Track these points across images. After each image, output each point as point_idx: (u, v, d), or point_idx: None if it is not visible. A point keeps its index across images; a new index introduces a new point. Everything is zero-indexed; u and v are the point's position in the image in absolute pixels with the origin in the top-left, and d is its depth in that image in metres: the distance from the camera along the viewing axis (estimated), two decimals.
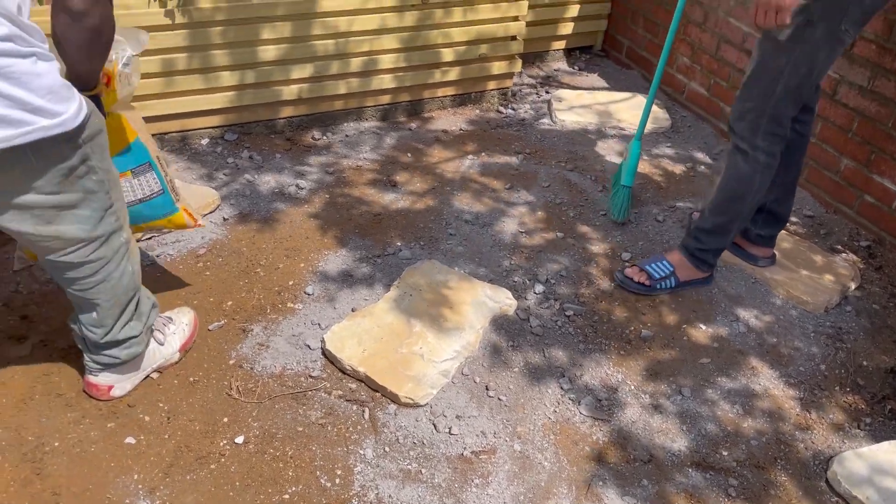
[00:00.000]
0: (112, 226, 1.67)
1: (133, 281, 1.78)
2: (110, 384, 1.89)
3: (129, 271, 1.76)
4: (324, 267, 2.42)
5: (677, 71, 3.56)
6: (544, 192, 2.87)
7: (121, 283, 1.73)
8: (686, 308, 2.38)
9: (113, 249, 1.69)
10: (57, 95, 1.42)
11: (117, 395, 1.91)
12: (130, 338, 1.83)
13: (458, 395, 2.01)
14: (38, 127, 1.40)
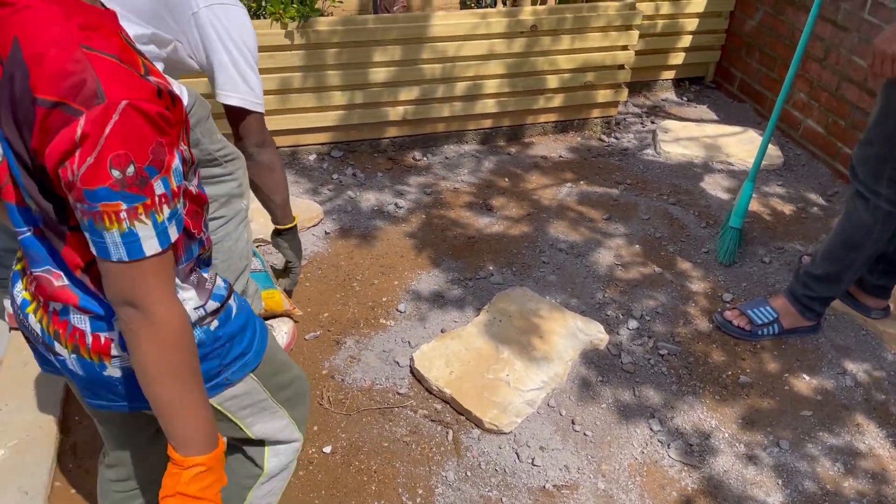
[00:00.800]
0: (233, 190, 1.81)
1: (246, 250, 1.91)
2: None
3: (245, 239, 1.89)
4: (416, 286, 2.46)
5: (793, 107, 3.43)
6: (644, 225, 2.82)
7: (237, 247, 1.86)
8: (789, 356, 2.27)
9: (234, 211, 1.84)
10: None
11: None
12: None
13: (542, 427, 1.99)
14: None
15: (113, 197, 0.85)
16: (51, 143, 0.83)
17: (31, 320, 1.06)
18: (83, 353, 1.02)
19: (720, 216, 2.87)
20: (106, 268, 0.90)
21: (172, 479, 0.95)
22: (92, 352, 1.01)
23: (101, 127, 0.82)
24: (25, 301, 1.06)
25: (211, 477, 0.96)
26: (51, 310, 1.02)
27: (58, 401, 1.90)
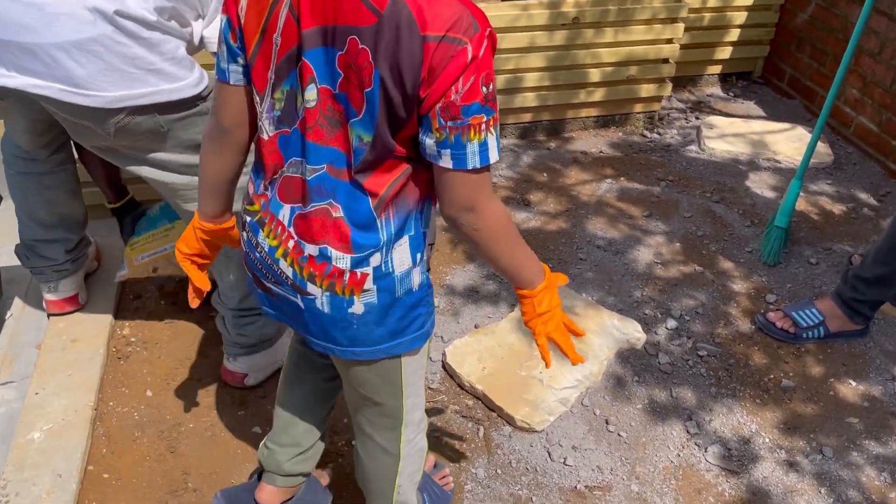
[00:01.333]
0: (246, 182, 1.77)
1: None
2: (245, 372, 1.99)
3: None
4: (451, 280, 2.43)
5: (845, 103, 3.31)
6: (685, 223, 2.75)
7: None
8: (835, 361, 2.19)
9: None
10: (182, 62, 1.54)
11: (250, 384, 2.01)
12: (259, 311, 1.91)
13: (575, 426, 1.96)
14: (162, 90, 1.51)
15: (480, 111, 1.02)
16: (443, 72, 0.99)
17: (282, 264, 1.18)
18: (337, 290, 1.16)
19: (765, 215, 2.78)
20: (455, 179, 1.06)
21: (529, 307, 1.24)
22: (346, 288, 1.15)
23: (479, 51, 1.00)
24: (272, 247, 1.19)
25: (551, 294, 1.25)
26: (306, 255, 1.15)
27: (93, 386, 1.93)
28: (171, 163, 1.63)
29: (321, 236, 1.14)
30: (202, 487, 1.76)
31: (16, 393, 1.94)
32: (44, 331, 2.09)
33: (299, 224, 1.15)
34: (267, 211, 1.19)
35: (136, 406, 1.95)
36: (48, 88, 1.45)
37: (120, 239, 2.28)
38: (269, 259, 1.20)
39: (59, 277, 2.06)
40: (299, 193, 1.15)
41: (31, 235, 2.01)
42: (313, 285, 1.16)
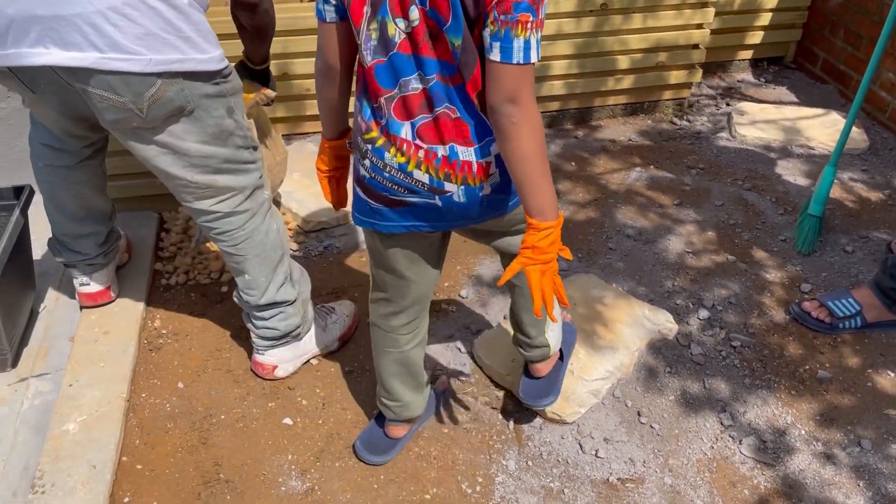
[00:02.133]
0: (256, 181, 1.80)
1: (279, 239, 1.89)
2: (274, 364, 2.00)
3: (275, 228, 1.87)
4: (479, 271, 2.42)
5: (881, 88, 3.23)
6: (717, 212, 2.70)
7: (268, 239, 1.85)
8: (872, 351, 2.14)
9: (258, 203, 1.82)
10: (208, 37, 1.57)
11: (280, 376, 2.02)
12: (285, 302, 1.92)
13: (607, 418, 1.94)
14: (192, 58, 1.53)
15: (528, 9, 1.16)
16: None
17: (416, 175, 1.35)
18: (469, 182, 1.35)
19: (799, 203, 2.73)
20: (502, 70, 1.19)
21: (531, 237, 1.30)
22: (476, 178, 1.34)
23: None
24: (403, 163, 1.34)
25: (555, 236, 1.31)
26: (439, 157, 1.32)
27: (126, 378, 1.95)
28: (192, 152, 1.64)
29: (448, 137, 1.31)
30: (234, 479, 1.77)
31: (51, 384, 1.97)
32: (77, 323, 2.12)
33: (425, 133, 1.31)
34: (388, 133, 1.34)
35: (167, 397, 1.96)
36: (87, 59, 1.46)
37: (148, 233, 2.29)
38: (402, 174, 1.36)
39: (92, 271, 2.08)
40: (417, 107, 1.30)
41: (62, 230, 2.03)
42: (450, 183, 1.34)
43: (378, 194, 1.41)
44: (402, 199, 1.40)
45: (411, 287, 1.60)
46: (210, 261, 2.36)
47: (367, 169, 1.40)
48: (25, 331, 2.11)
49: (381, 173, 1.38)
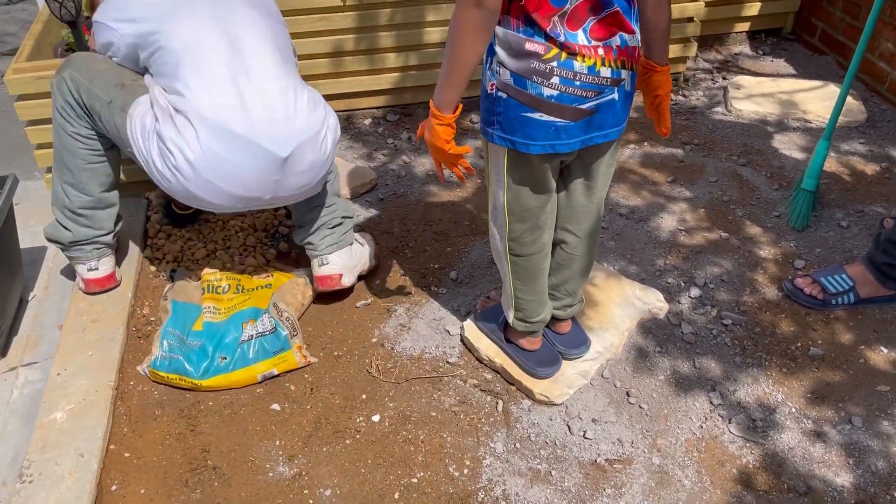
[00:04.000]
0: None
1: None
2: (340, 272, 2.13)
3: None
4: (469, 252, 2.40)
5: (879, 58, 3.17)
6: (710, 188, 2.67)
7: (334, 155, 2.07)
8: (866, 327, 2.12)
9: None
10: None
11: (346, 285, 2.14)
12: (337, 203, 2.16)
13: (595, 398, 1.93)
14: None
15: None
16: None
17: (603, 72, 1.46)
18: (633, 67, 1.51)
19: (794, 177, 2.69)
20: None
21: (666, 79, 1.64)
22: (636, 63, 1.52)
23: None
24: (591, 66, 1.45)
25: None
26: (615, 49, 1.46)
27: (114, 366, 1.95)
28: None
29: (617, 29, 1.45)
30: (221, 465, 1.78)
31: (40, 373, 1.97)
32: (65, 311, 2.12)
33: (598, 30, 1.45)
34: (567, 46, 1.44)
35: (155, 385, 1.97)
36: None
37: (137, 219, 2.28)
38: (591, 76, 1.46)
39: (100, 255, 2.12)
40: (585, 13, 1.43)
41: (86, 202, 2.06)
42: (624, 70, 1.49)
43: (567, 108, 1.49)
44: (588, 106, 1.50)
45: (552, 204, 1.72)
46: (197, 248, 2.35)
47: (554, 87, 1.46)
48: (14, 320, 2.11)
49: (571, 84, 1.46)
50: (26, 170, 2.93)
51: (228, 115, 1.78)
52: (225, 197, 1.85)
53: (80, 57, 2.00)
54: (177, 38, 1.83)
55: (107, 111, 1.91)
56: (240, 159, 1.80)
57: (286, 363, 1.98)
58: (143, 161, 1.87)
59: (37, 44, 2.43)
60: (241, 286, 2.14)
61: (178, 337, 1.97)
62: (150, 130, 1.83)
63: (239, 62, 1.84)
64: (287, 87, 1.87)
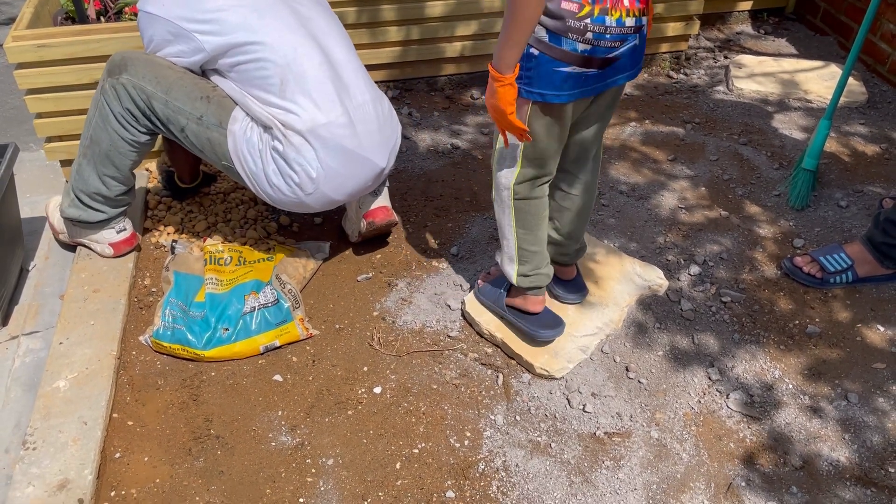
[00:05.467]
0: None
1: None
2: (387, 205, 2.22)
3: None
4: (470, 228, 2.41)
5: (881, 39, 3.17)
6: (711, 167, 2.68)
7: None
8: (863, 305, 2.14)
9: None
10: None
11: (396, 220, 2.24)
12: None
13: (595, 373, 1.94)
14: None
15: None
16: None
17: (627, 22, 1.56)
18: (649, 14, 1.63)
19: (794, 157, 2.70)
20: None
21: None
22: (651, 7, 1.63)
23: None
24: (619, 18, 1.54)
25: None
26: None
27: (116, 335, 1.95)
28: None
29: None
30: (224, 434, 1.79)
31: (41, 342, 1.98)
32: (66, 281, 2.11)
33: None
34: (597, 2, 1.52)
35: (158, 355, 1.97)
36: None
37: (138, 191, 2.27)
38: (618, 27, 1.55)
39: (125, 215, 2.17)
40: None
41: (122, 190, 2.08)
42: (643, 17, 1.60)
43: (597, 59, 1.59)
44: (614, 54, 1.60)
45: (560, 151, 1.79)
46: (198, 220, 2.34)
47: (588, 42, 1.55)
48: (15, 289, 2.11)
49: (603, 37, 1.56)
50: (22, 141, 2.91)
51: (341, 133, 1.89)
52: (329, 204, 2.01)
53: (140, 62, 1.92)
54: (276, 51, 1.84)
55: (197, 126, 1.91)
56: (350, 172, 1.95)
57: (288, 335, 1.99)
58: (249, 175, 1.93)
59: (36, 12, 2.40)
60: (242, 258, 2.14)
61: (181, 307, 1.98)
62: (263, 148, 1.90)
63: (337, 77, 1.92)
64: (375, 98, 2.00)
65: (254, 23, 1.84)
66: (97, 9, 2.53)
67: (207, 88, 1.92)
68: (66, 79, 2.34)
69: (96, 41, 2.30)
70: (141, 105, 1.92)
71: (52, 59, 2.29)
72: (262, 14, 1.86)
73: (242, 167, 1.94)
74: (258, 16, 1.85)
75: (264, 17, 1.86)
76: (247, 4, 1.86)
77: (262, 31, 1.85)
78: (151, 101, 1.90)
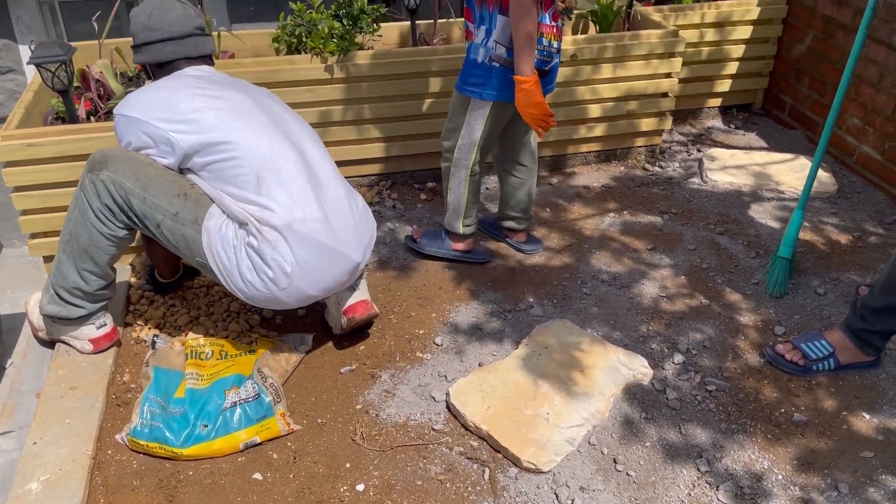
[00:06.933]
0: None
1: None
2: (367, 298, 2.23)
3: None
4: (454, 318, 2.41)
5: (846, 132, 3.30)
6: (690, 256, 2.73)
7: None
8: (847, 393, 2.14)
9: None
10: None
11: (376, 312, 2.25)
12: None
13: (583, 466, 1.91)
14: None
15: None
16: None
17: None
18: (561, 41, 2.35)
19: (770, 246, 2.76)
20: None
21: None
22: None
23: None
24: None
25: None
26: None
27: (92, 434, 1.90)
28: None
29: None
30: None
31: (15, 443, 1.92)
32: (44, 378, 2.08)
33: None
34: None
35: (134, 454, 1.92)
36: None
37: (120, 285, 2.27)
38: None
39: (105, 310, 2.16)
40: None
41: (103, 284, 2.07)
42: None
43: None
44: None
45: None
46: (180, 314, 2.33)
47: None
48: None
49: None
50: (5, 237, 2.92)
51: (316, 228, 1.93)
52: (304, 300, 2.02)
53: (120, 159, 1.96)
54: (251, 149, 1.90)
55: (172, 222, 1.94)
56: (326, 266, 1.97)
57: (269, 431, 1.95)
58: (222, 270, 1.94)
59: (27, 112, 2.46)
60: (224, 352, 2.12)
61: (160, 404, 1.94)
62: (238, 244, 1.91)
63: (311, 173, 1.97)
64: (348, 194, 2.06)
65: (229, 124, 1.91)
66: (87, 109, 2.60)
67: (185, 186, 1.96)
68: (54, 176, 2.37)
69: (85, 139, 2.35)
70: (119, 201, 1.94)
71: (40, 157, 2.33)
72: (236, 115, 1.93)
73: (216, 263, 1.94)
74: (233, 117, 1.92)
75: (239, 119, 1.93)
76: (222, 107, 1.93)
77: (238, 131, 1.91)
78: (129, 196, 1.93)
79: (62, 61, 2.32)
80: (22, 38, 3.91)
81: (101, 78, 2.63)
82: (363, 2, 2.87)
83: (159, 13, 2.01)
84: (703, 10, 3.44)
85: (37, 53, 2.32)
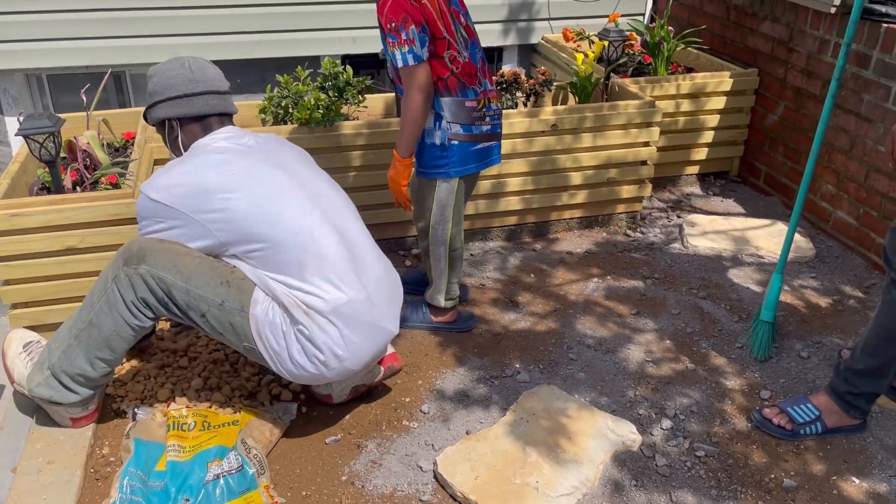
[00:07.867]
0: None
1: None
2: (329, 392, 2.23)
3: None
4: (441, 385, 2.39)
5: (821, 199, 3.39)
6: (674, 320, 2.74)
7: None
8: (835, 457, 2.14)
9: None
10: None
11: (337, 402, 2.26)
12: None
13: None
14: None
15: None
16: None
17: (496, 106, 2.41)
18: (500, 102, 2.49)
19: (752, 310, 2.79)
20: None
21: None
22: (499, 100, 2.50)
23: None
24: (498, 104, 2.42)
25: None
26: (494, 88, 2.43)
27: None
28: None
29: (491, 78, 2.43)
30: None
31: None
32: (20, 453, 2.02)
33: (491, 80, 2.40)
34: (486, 92, 2.35)
35: None
36: None
37: None
38: (495, 110, 2.39)
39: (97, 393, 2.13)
40: (485, 66, 2.38)
41: (107, 372, 2.04)
42: (499, 105, 2.43)
43: (494, 135, 2.41)
44: (497, 130, 2.42)
45: None
46: (160, 387, 2.30)
47: (488, 123, 2.36)
48: None
49: (493, 117, 2.38)
50: None
51: (361, 309, 1.96)
52: (347, 375, 2.04)
53: (158, 252, 1.91)
54: (291, 237, 1.88)
55: (219, 311, 1.91)
56: (370, 344, 2.00)
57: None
58: (272, 355, 1.94)
59: (12, 183, 2.47)
60: (207, 423, 2.08)
61: (140, 477, 1.89)
62: (287, 329, 1.91)
63: (351, 254, 1.98)
64: (385, 268, 2.10)
65: (265, 209, 1.87)
66: (73, 179, 2.61)
67: (226, 272, 1.92)
68: (38, 246, 2.36)
69: (70, 209, 2.35)
70: (159, 294, 1.92)
71: (24, 227, 2.33)
72: (272, 200, 1.89)
73: (266, 348, 1.93)
74: (270, 203, 1.89)
75: (275, 203, 1.89)
76: (255, 192, 1.89)
77: (275, 217, 1.88)
78: (171, 290, 1.90)
79: (50, 132, 2.34)
80: (9, 109, 3.95)
81: (88, 149, 2.66)
82: (349, 74, 2.95)
83: (199, 67, 2.02)
84: (678, 81, 3.56)
85: (25, 125, 2.34)
